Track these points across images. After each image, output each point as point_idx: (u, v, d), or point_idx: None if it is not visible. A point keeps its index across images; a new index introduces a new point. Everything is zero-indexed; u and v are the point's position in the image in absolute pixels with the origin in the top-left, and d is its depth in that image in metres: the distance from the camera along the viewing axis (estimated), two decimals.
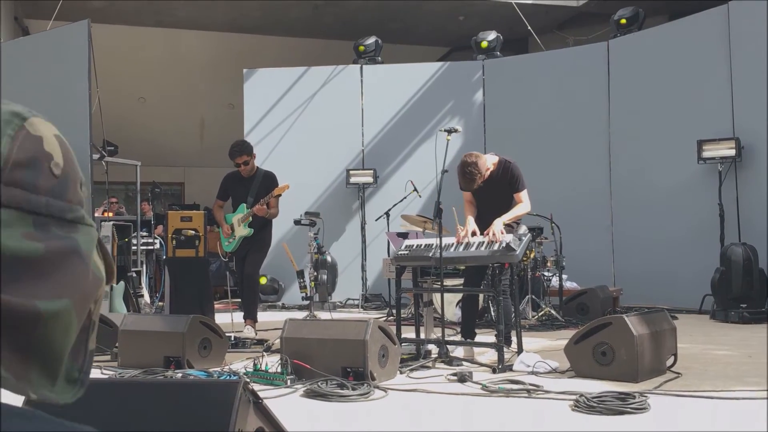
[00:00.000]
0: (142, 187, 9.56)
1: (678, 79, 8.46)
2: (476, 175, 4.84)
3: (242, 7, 11.83)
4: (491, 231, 4.67)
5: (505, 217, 4.83)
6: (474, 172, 4.83)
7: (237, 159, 6.21)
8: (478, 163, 4.85)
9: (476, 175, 4.85)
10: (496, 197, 5.07)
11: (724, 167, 7.72)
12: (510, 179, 5.04)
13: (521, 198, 5.02)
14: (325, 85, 10.15)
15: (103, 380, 3.28)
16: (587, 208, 9.08)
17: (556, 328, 6.66)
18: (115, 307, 6.51)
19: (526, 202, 5.01)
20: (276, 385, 3.97)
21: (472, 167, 4.83)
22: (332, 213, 9.54)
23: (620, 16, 9.29)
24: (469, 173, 4.84)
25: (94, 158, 8.42)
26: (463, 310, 5.39)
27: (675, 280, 8.15)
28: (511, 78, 9.84)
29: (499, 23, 11.05)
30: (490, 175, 5.01)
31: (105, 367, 4.73)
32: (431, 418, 3.46)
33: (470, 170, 4.83)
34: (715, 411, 3.42)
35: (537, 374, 4.26)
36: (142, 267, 9.07)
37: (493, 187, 5.04)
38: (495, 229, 4.67)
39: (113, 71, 11.69)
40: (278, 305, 9.48)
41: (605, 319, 4.24)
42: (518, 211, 4.96)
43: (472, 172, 4.83)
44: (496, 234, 4.65)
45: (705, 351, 5.23)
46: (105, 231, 6.74)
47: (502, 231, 4.69)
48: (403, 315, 5.52)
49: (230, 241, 6.22)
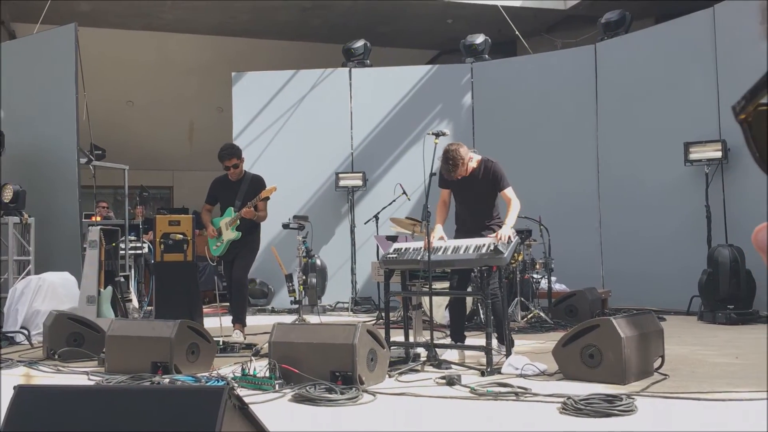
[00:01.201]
0: (131, 191, 9.53)
1: (665, 81, 8.51)
2: (458, 161, 4.91)
3: (231, 11, 11.81)
4: (500, 234, 4.67)
5: (509, 223, 4.84)
6: (456, 158, 4.90)
7: (226, 162, 6.19)
8: (460, 151, 4.92)
9: (458, 161, 4.91)
10: (478, 197, 5.09)
11: (710, 169, 7.76)
12: (493, 178, 5.05)
13: (508, 195, 5.02)
14: (314, 89, 10.14)
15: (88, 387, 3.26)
16: (576, 210, 9.11)
17: (545, 330, 6.68)
18: (102, 312, 6.47)
19: (515, 199, 5.01)
20: (264, 390, 3.96)
21: (454, 153, 4.90)
22: (321, 216, 9.53)
23: (607, 19, 9.34)
24: (451, 159, 4.91)
25: (82, 162, 8.39)
26: (451, 313, 5.39)
27: (663, 281, 8.19)
28: (499, 81, 9.87)
29: (488, 26, 11.08)
30: (472, 174, 5.04)
31: (92, 373, 4.69)
32: (420, 421, 3.46)
33: (452, 156, 4.90)
34: (703, 412, 3.43)
35: (525, 377, 4.27)
36: (130, 271, 9.03)
37: (474, 187, 5.06)
38: (504, 232, 4.68)
39: (101, 75, 11.63)
40: (268, 309, 9.46)
41: (593, 322, 4.25)
42: (514, 212, 4.95)
43: (454, 158, 4.90)
44: (506, 236, 4.65)
45: (693, 352, 5.26)
46: (92, 235, 6.70)
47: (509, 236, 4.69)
48: (392, 318, 5.52)
49: (218, 245, 6.20)
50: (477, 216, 5.11)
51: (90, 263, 6.62)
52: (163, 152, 14.89)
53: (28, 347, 6.04)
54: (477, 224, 5.07)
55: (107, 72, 12.62)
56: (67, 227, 8.03)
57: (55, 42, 8.45)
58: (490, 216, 5.12)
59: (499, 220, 5.09)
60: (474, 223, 5.09)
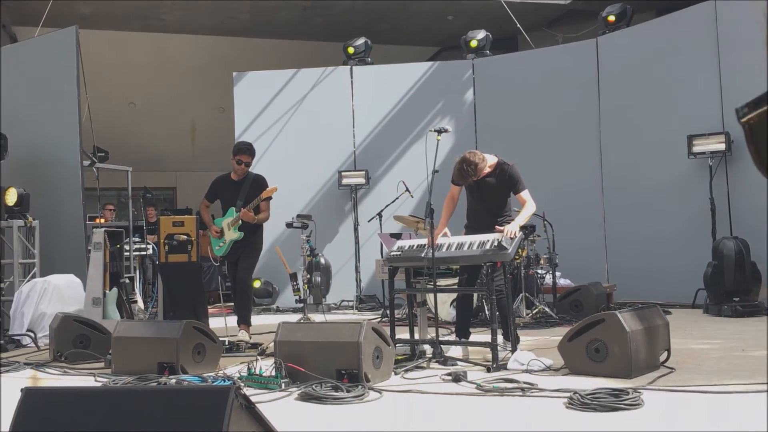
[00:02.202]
0: (134, 193, 9.54)
1: (667, 74, 8.49)
2: (472, 175, 4.95)
3: (230, 11, 11.82)
4: (507, 230, 4.69)
5: (519, 221, 4.87)
6: (470, 171, 4.93)
7: (242, 156, 6.18)
8: (478, 166, 4.95)
9: (471, 175, 4.96)
10: (491, 199, 5.13)
11: (714, 162, 7.75)
12: (509, 182, 5.09)
13: (524, 198, 5.06)
14: (315, 87, 10.14)
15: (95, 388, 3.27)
16: (579, 204, 9.10)
17: (550, 325, 6.68)
18: (108, 314, 6.49)
19: (530, 202, 5.05)
20: (270, 389, 3.96)
21: (472, 167, 4.93)
22: (325, 215, 9.54)
23: (608, 12, 9.32)
24: (465, 171, 4.94)
25: (85, 165, 8.41)
26: (457, 310, 5.39)
27: (668, 275, 8.17)
28: (501, 76, 9.86)
29: (488, 22, 11.07)
30: (486, 176, 5.08)
31: (99, 374, 4.71)
32: (427, 418, 3.46)
33: (468, 169, 4.93)
34: (709, 405, 3.42)
35: (531, 372, 4.27)
36: (136, 273, 9.05)
37: (488, 189, 5.11)
38: (511, 228, 4.71)
39: (102, 77, 11.65)
40: (273, 308, 9.47)
41: (598, 316, 4.24)
42: (527, 212, 5.01)
43: (468, 171, 4.93)
44: (512, 232, 4.67)
45: (698, 345, 5.25)
46: (97, 237, 6.71)
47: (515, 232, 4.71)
48: (397, 316, 5.52)
49: (221, 245, 6.20)
50: (489, 213, 5.12)
51: (95, 265, 6.64)
52: (165, 153, 14.91)
53: (34, 350, 6.06)
54: (488, 221, 5.08)
55: (108, 74, 12.64)
56: (72, 229, 8.05)
57: (57, 45, 8.46)
58: (501, 213, 5.14)
59: (509, 216, 5.11)
60: (485, 220, 5.10)
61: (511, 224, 4.80)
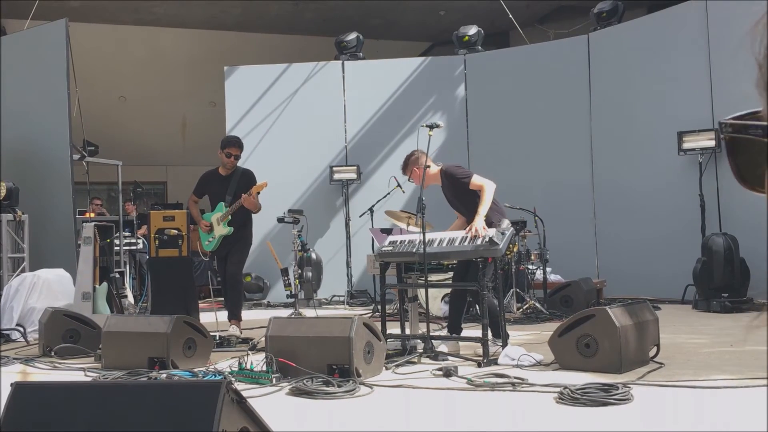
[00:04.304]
0: (124, 187, 9.50)
1: (658, 70, 8.51)
2: (405, 164, 5.26)
3: (222, 5, 11.77)
4: (473, 228, 4.68)
5: (480, 212, 4.81)
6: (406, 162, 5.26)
7: (232, 149, 6.14)
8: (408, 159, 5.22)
9: (405, 164, 5.26)
10: (460, 202, 5.19)
11: (704, 158, 7.78)
12: (454, 182, 5.11)
13: (477, 183, 4.97)
14: (306, 82, 10.12)
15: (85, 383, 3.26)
16: (570, 200, 9.12)
17: (540, 320, 6.70)
18: (98, 309, 6.46)
19: (482, 182, 4.95)
20: (261, 384, 3.96)
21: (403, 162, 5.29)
22: (316, 210, 9.52)
23: (600, 9, 9.34)
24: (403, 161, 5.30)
25: (75, 159, 8.36)
26: (450, 305, 5.40)
27: (657, 270, 8.21)
28: (492, 72, 9.86)
29: (480, 18, 11.07)
30: (442, 186, 5.24)
31: (89, 369, 4.69)
32: (417, 413, 3.47)
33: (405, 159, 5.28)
34: (698, 400, 3.45)
35: (522, 367, 4.28)
36: (125, 267, 9.02)
37: (450, 195, 5.24)
38: (476, 225, 4.69)
39: (93, 71, 11.58)
40: (264, 303, 9.46)
41: (588, 311, 4.26)
42: (485, 197, 4.88)
43: (405, 161, 5.28)
44: (478, 230, 4.66)
45: (688, 341, 5.28)
46: (87, 232, 6.68)
47: (484, 227, 4.69)
48: (388, 311, 5.52)
49: (210, 240, 6.17)
50: (470, 212, 5.11)
51: (85, 260, 6.61)
52: (156, 147, 14.83)
53: (24, 344, 6.03)
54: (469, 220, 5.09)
55: (99, 67, 12.56)
56: (61, 224, 8.01)
57: (46, 38, 8.40)
58: (475, 210, 5.10)
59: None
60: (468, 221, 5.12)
61: (474, 220, 4.75)
